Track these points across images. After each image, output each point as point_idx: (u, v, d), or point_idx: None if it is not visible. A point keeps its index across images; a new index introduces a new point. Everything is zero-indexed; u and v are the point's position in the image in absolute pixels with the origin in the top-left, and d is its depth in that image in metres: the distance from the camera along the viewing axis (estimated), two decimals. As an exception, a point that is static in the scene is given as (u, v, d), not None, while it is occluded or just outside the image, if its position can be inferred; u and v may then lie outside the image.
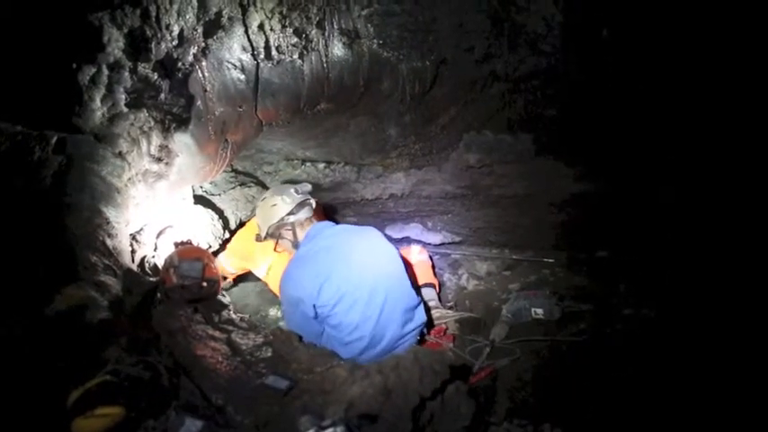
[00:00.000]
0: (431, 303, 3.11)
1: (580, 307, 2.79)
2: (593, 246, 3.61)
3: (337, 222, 2.88)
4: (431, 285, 3.35)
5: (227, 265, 3.44)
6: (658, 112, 2.96)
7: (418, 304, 2.68)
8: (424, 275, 3.36)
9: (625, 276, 3.06)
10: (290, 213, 2.69)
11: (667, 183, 3.15)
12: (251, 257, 3.30)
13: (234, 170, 3.92)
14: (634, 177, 3.27)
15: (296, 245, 2.71)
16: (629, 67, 2.86)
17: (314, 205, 2.81)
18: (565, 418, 1.91)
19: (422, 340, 2.76)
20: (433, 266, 3.63)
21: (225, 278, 3.53)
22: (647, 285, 2.86)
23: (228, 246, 3.48)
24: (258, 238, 2.86)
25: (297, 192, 2.74)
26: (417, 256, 3.50)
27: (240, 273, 3.57)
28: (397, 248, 2.81)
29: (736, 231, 2.86)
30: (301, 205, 2.72)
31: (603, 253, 3.55)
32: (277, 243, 2.79)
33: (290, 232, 2.72)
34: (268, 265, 3.21)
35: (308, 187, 2.82)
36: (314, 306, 2.40)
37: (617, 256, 3.44)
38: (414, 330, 2.61)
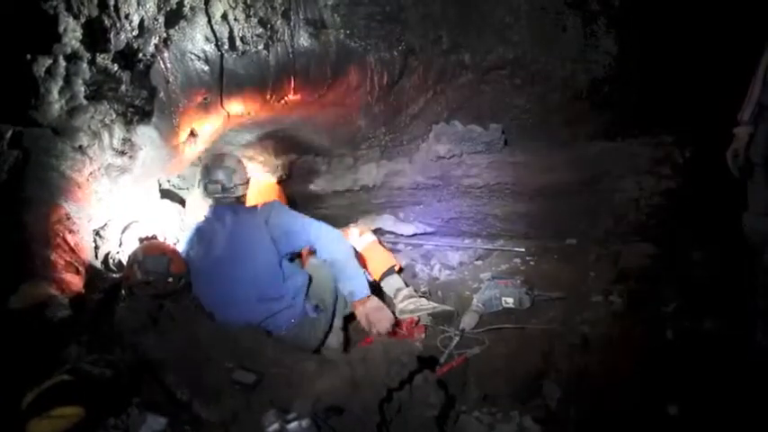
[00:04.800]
0: (403, 293, 3.01)
1: (550, 295, 2.82)
2: (562, 234, 3.64)
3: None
4: (392, 272, 3.10)
5: None
6: (620, 103, 3.00)
7: None
8: (380, 261, 3.09)
9: (594, 264, 3.10)
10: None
11: (633, 173, 3.20)
12: None
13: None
14: (600, 166, 3.30)
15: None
16: (594, 56, 2.88)
17: (214, 203, 2.79)
18: (534, 406, 1.94)
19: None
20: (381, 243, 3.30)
21: None
22: (615, 272, 2.89)
23: None
24: None
25: (206, 191, 2.72)
26: (358, 240, 3.14)
27: None
28: None
29: (699, 217, 2.92)
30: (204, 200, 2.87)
31: (572, 241, 3.58)
32: None
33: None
34: None
35: (218, 188, 2.70)
36: None
37: (585, 244, 3.47)
38: None
